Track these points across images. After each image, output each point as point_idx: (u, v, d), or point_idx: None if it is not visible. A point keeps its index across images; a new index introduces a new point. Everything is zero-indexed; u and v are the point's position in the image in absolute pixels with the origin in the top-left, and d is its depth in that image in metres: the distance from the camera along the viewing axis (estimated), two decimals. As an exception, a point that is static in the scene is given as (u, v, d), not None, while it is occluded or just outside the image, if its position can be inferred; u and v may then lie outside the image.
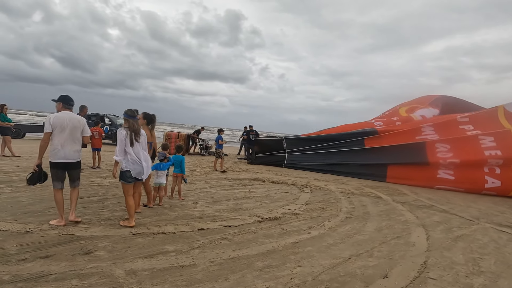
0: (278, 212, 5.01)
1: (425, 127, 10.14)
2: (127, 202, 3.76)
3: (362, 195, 7.16)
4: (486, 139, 8.85)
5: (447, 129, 9.80)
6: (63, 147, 3.53)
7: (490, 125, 9.30)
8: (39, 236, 3.22)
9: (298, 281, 2.69)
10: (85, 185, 5.81)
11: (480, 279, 3.01)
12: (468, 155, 8.78)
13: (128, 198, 3.77)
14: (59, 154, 3.52)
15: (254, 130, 12.99)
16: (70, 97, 3.74)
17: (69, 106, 3.71)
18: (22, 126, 15.69)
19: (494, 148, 8.59)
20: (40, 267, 2.58)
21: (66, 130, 3.53)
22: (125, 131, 3.71)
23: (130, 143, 3.70)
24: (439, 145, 9.30)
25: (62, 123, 3.52)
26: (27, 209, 4.12)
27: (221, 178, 8.08)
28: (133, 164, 3.73)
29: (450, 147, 9.15)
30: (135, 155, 3.74)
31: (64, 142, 3.53)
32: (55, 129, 3.49)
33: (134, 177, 3.77)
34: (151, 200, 4.79)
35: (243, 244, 3.48)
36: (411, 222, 5.01)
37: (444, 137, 9.50)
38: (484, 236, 4.54)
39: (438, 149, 9.25)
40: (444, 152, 9.13)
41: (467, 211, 6.28)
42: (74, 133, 3.61)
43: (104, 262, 2.76)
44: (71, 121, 3.59)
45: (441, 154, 9.13)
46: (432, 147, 9.37)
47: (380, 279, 2.85)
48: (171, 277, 2.58)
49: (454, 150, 9.05)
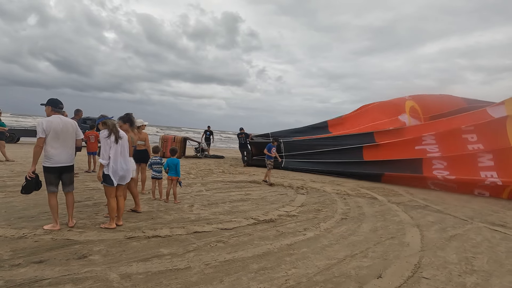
0: (274, 214, 5.02)
1: (426, 136, 9.74)
2: (109, 203, 3.79)
3: (358, 196, 7.21)
4: (485, 156, 8.60)
5: (448, 139, 9.36)
6: (57, 152, 3.51)
7: (495, 138, 8.66)
8: (33, 241, 3.20)
9: (293, 282, 2.70)
10: (80, 189, 5.78)
11: (472, 278, 3.05)
12: (464, 174, 8.69)
13: (111, 200, 3.78)
14: (53, 159, 3.50)
15: (244, 133, 13.08)
16: (59, 100, 3.69)
17: (58, 109, 3.66)
18: (17, 130, 15.58)
19: (491, 169, 8.40)
20: (34, 272, 2.57)
21: (59, 134, 3.52)
22: (107, 132, 3.74)
23: (115, 141, 3.72)
24: (436, 162, 9.25)
25: (55, 127, 3.49)
26: (21, 214, 4.09)
27: (217, 181, 8.08)
28: (114, 168, 3.73)
29: (446, 164, 9.05)
30: (116, 158, 3.73)
31: (58, 146, 3.51)
32: (48, 133, 3.46)
33: (116, 180, 3.78)
34: (139, 204, 4.66)
35: (239, 246, 3.49)
36: (406, 223, 5.05)
37: (443, 150, 9.28)
38: (477, 236, 4.59)
39: (435, 166, 9.22)
40: (440, 169, 9.10)
41: (461, 210, 6.34)
42: (67, 136, 3.60)
43: (99, 266, 2.75)
44: (64, 125, 3.57)
45: (436, 172, 9.11)
46: (429, 163, 9.33)
47: (374, 279, 2.87)
48: (166, 280, 2.58)
49: (450, 168, 8.96)
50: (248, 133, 13.25)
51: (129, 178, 4.03)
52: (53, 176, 3.56)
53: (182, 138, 14.27)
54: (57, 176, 3.60)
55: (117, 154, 3.76)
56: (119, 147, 3.79)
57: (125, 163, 3.88)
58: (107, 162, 3.69)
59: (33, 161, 3.47)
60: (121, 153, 3.82)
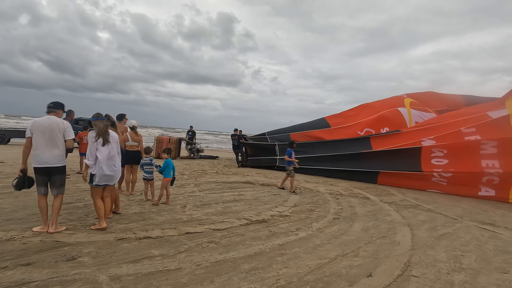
0: (267, 214, 5.03)
1: (426, 141, 9.37)
2: (95, 204, 3.79)
3: (351, 196, 7.26)
4: (489, 143, 8.24)
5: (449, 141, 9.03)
6: (43, 152, 3.48)
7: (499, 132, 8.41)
8: (21, 243, 3.16)
9: (283, 282, 2.71)
10: (71, 190, 5.72)
11: (461, 276, 3.09)
12: (465, 165, 8.37)
13: (96, 200, 3.78)
14: (39, 159, 3.48)
15: (237, 135, 13.05)
16: (51, 102, 3.73)
17: (48, 109, 3.67)
18: (7, 131, 15.33)
19: (493, 157, 8.06)
20: (21, 274, 2.53)
21: (45, 134, 3.48)
22: (95, 133, 3.74)
23: (103, 143, 3.71)
24: (436, 149, 8.94)
25: (41, 127, 3.48)
26: (10, 216, 4.03)
27: (211, 181, 8.06)
28: (100, 169, 3.70)
29: (447, 152, 8.73)
30: (103, 160, 3.70)
31: (43, 146, 3.48)
32: (34, 133, 3.45)
33: (102, 181, 3.76)
34: (118, 206, 4.55)
35: (230, 247, 3.49)
36: (397, 222, 5.10)
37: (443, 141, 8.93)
38: (466, 234, 4.66)
39: (434, 154, 8.90)
40: (440, 157, 8.76)
41: (451, 210, 6.43)
42: (54, 137, 3.53)
43: (88, 268, 2.73)
44: (50, 125, 3.53)
45: (436, 160, 8.79)
46: (428, 151, 9.04)
47: (364, 278, 2.89)
48: (156, 282, 2.57)
49: (450, 156, 8.60)
50: (242, 135, 13.21)
51: (116, 180, 4.00)
52: (40, 177, 3.53)
53: (177, 139, 14.23)
54: (45, 177, 3.56)
55: (104, 156, 3.72)
56: (107, 149, 3.76)
57: (113, 164, 3.84)
58: (92, 163, 3.70)
59: (22, 160, 3.55)
60: (108, 155, 3.79)
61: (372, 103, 13.16)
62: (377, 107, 12.58)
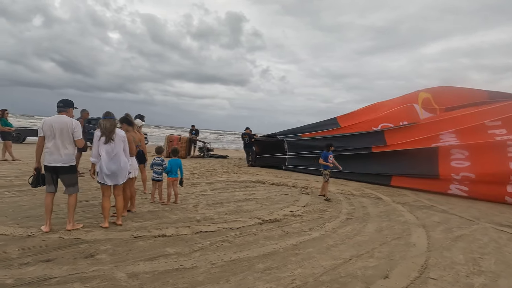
0: (279, 214, 5.02)
1: (445, 134, 8.49)
2: (102, 202, 3.85)
3: (362, 196, 7.18)
4: None
5: (472, 136, 8.12)
6: (51, 151, 3.52)
7: None
8: (40, 240, 3.24)
9: (299, 282, 2.70)
10: (85, 188, 5.82)
11: (480, 279, 3.03)
12: (489, 167, 7.34)
13: (103, 198, 3.84)
14: (47, 158, 3.53)
15: (247, 133, 12.85)
16: (60, 100, 3.72)
17: (58, 109, 3.68)
18: (22, 130, 15.71)
19: None
20: (42, 270, 2.59)
21: (54, 133, 3.51)
22: (99, 132, 3.77)
23: (105, 141, 3.73)
24: (455, 151, 7.92)
25: (51, 126, 3.51)
26: (28, 213, 4.13)
27: (222, 180, 8.09)
28: (102, 167, 3.73)
29: (468, 154, 7.70)
30: (104, 158, 3.73)
31: (52, 145, 3.52)
32: (45, 133, 3.50)
33: (106, 179, 3.78)
34: (134, 204, 4.66)
35: (244, 246, 3.49)
36: (411, 223, 5.02)
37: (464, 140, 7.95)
38: (484, 236, 4.56)
39: (454, 156, 7.90)
40: (460, 160, 7.75)
41: (467, 211, 6.29)
42: (63, 136, 3.54)
43: (106, 265, 2.77)
44: (59, 124, 3.53)
45: (455, 163, 7.77)
46: (446, 153, 8.05)
47: (380, 279, 2.86)
48: (172, 280, 2.59)
49: (472, 157, 7.61)
50: (252, 134, 13.15)
51: (123, 179, 3.94)
52: (48, 175, 3.59)
53: (187, 138, 14.39)
54: (53, 176, 3.59)
55: (105, 154, 3.74)
56: (109, 147, 3.75)
57: (114, 163, 3.78)
58: (95, 160, 3.77)
59: (35, 159, 3.65)
60: (111, 153, 3.77)
61: (386, 102, 12.81)
62: (391, 106, 12.30)
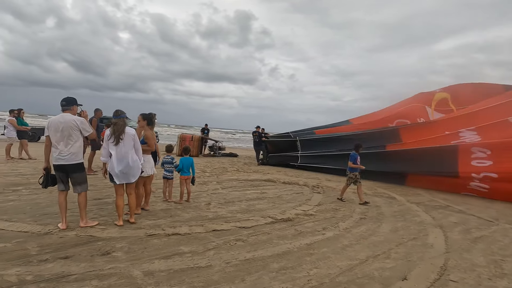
0: (291, 213, 4.98)
1: (465, 131, 8.02)
2: (116, 201, 3.88)
3: (375, 195, 7.06)
4: None
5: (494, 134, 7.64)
6: (57, 149, 3.53)
7: None
8: (58, 237, 3.29)
9: (315, 282, 2.66)
10: (99, 186, 5.91)
11: (503, 282, 2.92)
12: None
13: (117, 197, 3.88)
14: (55, 156, 3.55)
15: (257, 132, 12.73)
16: (63, 99, 3.70)
17: (62, 108, 3.65)
18: (38, 129, 16.09)
19: None
20: (60, 267, 2.63)
21: (59, 132, 3.51)
22: (109, 131, 3.80)
23: (115, 142, 3.74)
24: (476, 149, 7.38)
25: (56, 125, 3.51)
26: (45, 210, 4.21)
27: (233, 179, 8.09)
28: (112, 166, 3.74)
29: (490, 152, 7.20)
30: (114, 158, 3.73)
31: (58, 144, 3.53)
32: (50, 132, 3.51)
33: (117, 178, 3.79)
34: (148, 202, 4.69)
35: (258, 245, 3.47)
36: (427, 223, 4.90)
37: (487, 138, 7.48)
38: (504, 238, 4.41)
39: (474, 154, 7.40)
40: (481, 159, 7.26)
41: (485, 211, 6.11)
42: (68, 134, 3.53)
43: (122, 263, 2.79)
44: (64, 124, 3.53)
45: (476, 162, 7.29)
46: (467, 151, 7.53)
47: (399, 281, 2.79)
48: (188, 278, 2.59)
49: (494, 156, 7.11)
50: (263, 133, 13.09)
51: (134, 177, 3.92)
52: (58, 174, 3.62)
53: (199, 137, 14.55)
54: (62, 175, 3.61)
55: (115, 154, 3.75)
56: (119, 147, 3.76)
57: (124, 162, 3.76)
58: (105, 160, 3.83)
59: (44, 158, 3.66)
60: (121, 152, 3.76)
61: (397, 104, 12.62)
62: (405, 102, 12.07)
